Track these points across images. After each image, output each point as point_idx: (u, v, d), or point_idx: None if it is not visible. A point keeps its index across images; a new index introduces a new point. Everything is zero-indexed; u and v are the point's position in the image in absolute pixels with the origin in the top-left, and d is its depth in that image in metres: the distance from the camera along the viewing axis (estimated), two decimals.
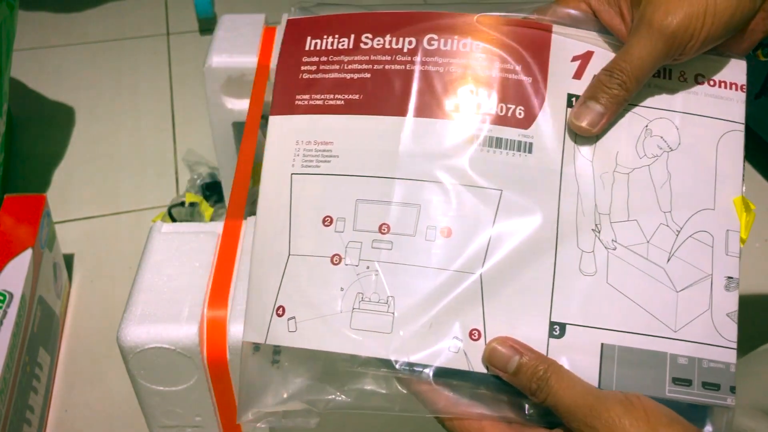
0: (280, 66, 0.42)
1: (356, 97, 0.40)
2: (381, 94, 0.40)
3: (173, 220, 0.89)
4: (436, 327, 0.36)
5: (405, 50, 0.40)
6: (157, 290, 0.46)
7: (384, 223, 0.38)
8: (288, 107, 0.41)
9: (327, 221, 0.39)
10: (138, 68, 1.22)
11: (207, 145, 1.01)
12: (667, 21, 0.35)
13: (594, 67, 0.39)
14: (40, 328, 0.70)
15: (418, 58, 0.40)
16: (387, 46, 0.40)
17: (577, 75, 0.39)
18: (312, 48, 0.42)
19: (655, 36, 0.35)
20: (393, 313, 0.36)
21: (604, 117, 0.37)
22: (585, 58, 0.39)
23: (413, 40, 0.40)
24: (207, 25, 1.31)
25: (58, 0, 1.40)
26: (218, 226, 0.51)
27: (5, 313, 0.63)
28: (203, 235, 0.50)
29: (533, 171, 0.38)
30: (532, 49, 0.39)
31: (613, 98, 0.37)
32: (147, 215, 0.94)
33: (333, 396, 0.37)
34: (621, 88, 0.37)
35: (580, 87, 0.39)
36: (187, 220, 0.88)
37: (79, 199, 0.96)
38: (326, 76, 0.41)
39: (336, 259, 0.38)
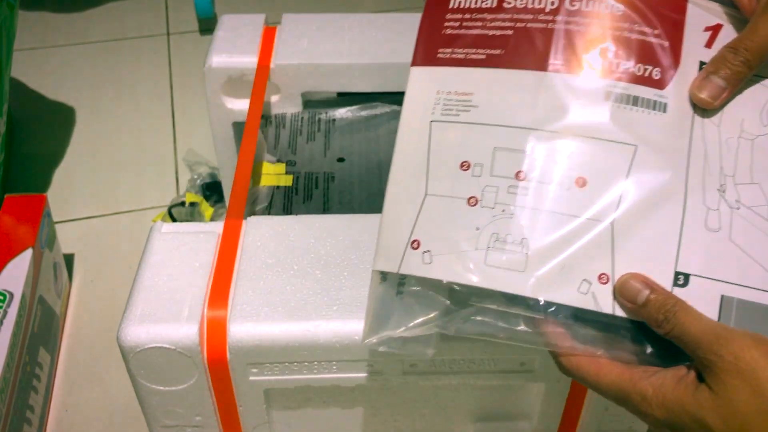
0: (423, 22, 0.45)
1: (497, 51, 0.42)
2: (522, 50, 0.42)
3: (173, 220, 0.89)
4: (567, 269, 0.38)
5: (547, 10, 0.42)
6: (158, 290, 0.46)
7: (520, 171, 0.40)
8: (430, 59, 0.44)
9: (464, 166, 0.41)
10: (138, 68, 1.22)
11: (207, 145, 1.01)
12: None
13: (722, 40, 0.41)
14: (41, 328, 0.70)
15: (559, 18, 0.42)
16: (529, 5, 0.42)
17: (708, 44, 0.41)
18: (456, 6, 0.44)
19: None
20: (526, 254, 0.38)
21: (725, 92, 0.39)
22: (715, 30, 0.41)
23: (555, 0, 0.42)
24: (207, 26, 1.31)
25: (58, 0, 1.40)
26: (218, 226, 0.51)
27: (5, 312, 0.63)
28: (203, 235, 0.50)
29: (666, 129, 0.40)
30: (670, 15, 0.41)
31: (736, 75, 0.39)
32: (147, 215, 0.94)
33: (459, 324, 0.40)
34: (744, 66, 0.38)
35: (710, 56, 0.40)
36: (187, 220, 0.88)
37: (80, 199, 0.96)
38: (469, 32, 0.43)
39: (472, 201, 0.40)
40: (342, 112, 0.71)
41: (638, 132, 0.40)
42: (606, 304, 0.38)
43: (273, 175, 0.63)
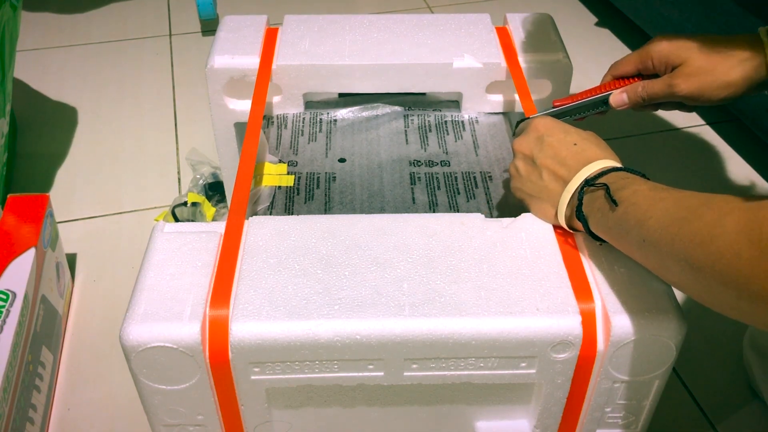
0: None
1: None
2: None
3: (176, 219, 0.89)
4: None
5: None
6: (160, 289, 0.47)
7: None
8: None
9: None
10: (141, 69, 1.22)
11: (210, 145, 1.01)
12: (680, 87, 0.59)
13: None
14: (43, 327, 0.71)
15: None
16: None
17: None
18: None
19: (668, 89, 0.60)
20: None
21: (625, 105, 0.63)
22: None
23: None
24: (209, 27, 1.32)
25: (61, 1, 1.41)
26: (220, 226, 0.52)
27: (8, 312, 0.64)
28: (205, 235, 0.51)
29: None
30: None
31: (636, 101, 0.63)
32: (149, 215, 0.94)
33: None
34: (641, 99, 0.62)
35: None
36: (189, 220, 0.89)
37: (82, 199, 0.96)
38: None
39: None
40: (343, 113, 0.71)
41: None
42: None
43: (275, 175, 0.63)
